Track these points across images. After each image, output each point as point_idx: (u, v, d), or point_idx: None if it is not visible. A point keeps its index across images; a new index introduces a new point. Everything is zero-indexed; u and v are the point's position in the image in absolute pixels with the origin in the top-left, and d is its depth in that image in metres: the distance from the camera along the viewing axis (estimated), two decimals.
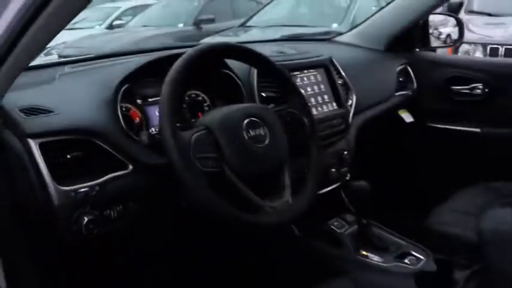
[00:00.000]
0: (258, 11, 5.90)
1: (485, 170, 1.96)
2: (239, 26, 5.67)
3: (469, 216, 1.62)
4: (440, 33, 2.48)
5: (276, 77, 1.28)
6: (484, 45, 4.27)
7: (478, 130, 1.97)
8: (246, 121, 1.11)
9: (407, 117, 2.00)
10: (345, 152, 1.58)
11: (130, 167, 1.14)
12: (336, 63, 1.64)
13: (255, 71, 1.37)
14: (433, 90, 2.04)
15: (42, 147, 1.04)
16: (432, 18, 2.07)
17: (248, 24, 5.68)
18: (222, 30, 5.61)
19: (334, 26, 5.03)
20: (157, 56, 1.28)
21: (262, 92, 1.38)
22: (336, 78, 1.61)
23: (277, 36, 2.61)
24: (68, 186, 1.05)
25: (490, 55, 4.08)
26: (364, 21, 2.10)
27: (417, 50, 2.08)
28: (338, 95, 1.59)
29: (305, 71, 1.53)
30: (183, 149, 1.01)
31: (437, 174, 2.07)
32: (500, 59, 2.84)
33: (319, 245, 1.51)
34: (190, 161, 1.02)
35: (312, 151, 1.24)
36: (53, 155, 1.05)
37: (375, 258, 1.42)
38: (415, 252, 1.46)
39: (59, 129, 1.07)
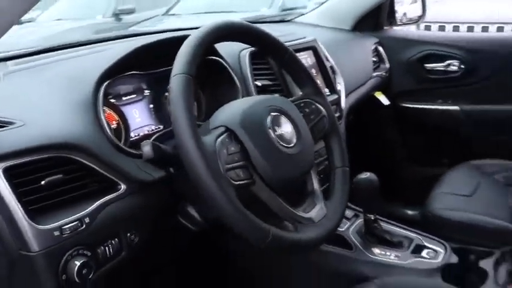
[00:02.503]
0: None
1: (469, 147, 1.92)
2: (163, 15, 5.36)
3: (467, 198, 1.56)
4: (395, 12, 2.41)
5: (286, 61, 1.08)
6: None
7: (457, 108, 1.91)
8: (270, 117, 0.91)
9: (384, 100, 1.90)
10: None
11: (123, 186, 0.91)
12: (321, 45, 1.49)
13: (246, 57, 1.18)
14: (406, 69, 1.95)
15: (6, 172, 0.78)
16: None
17: (172, 12, 5.38)
18: (144, 20, 5.27)
19: (263, 10, 4.89)
20: (145, 42, 1.04)
21: (257, 80, 1.19)
22: (325, 61, 1.45)
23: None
24: (48, 223, 0.79)
25: None
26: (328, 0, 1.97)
27: (385, 28, 1.99)
28: (329, 80, 1.44)
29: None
30: (211, 161, 0.79)
31: (420, 157, 1.99)
32: (476, 34, 2.83)
33: (325, 248, 1.35)
34: (221, 175, 0.81)
35: (334, 146, 1.07)
36: (23, 182, 0.79)
37: (391, 257, 1.29)
38: (429, 244, 1.35)
39: (27, 146, 0.81)
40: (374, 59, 1.88)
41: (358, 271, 1.26)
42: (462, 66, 1.87)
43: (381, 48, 1.92)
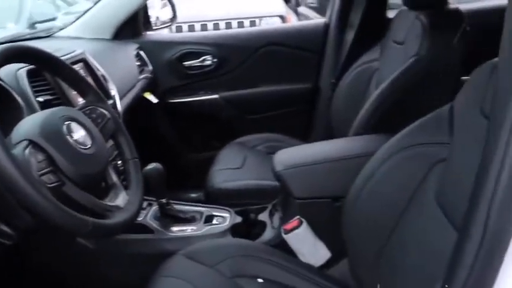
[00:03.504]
0: None
1: (232, 128, 2.23)
2: None
3: (239, 169, 1.85)
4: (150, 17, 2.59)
5: (68, 75, 1.18)
6: None
7: (217, 96, 2.21)
8: (65, 126, 1.01)
9: (153, 99, 2.08)
10: None
11: None
12: (89, 56, 1.58)
13: (24, 76, 1.23)
14: (168, 69, 2.16)
15: None
16: None
17: None
18: None
19: (11, 26, 4.59)
20: None
21: (38, 97, 1.25)
22: (96, 70, 1.56)
23: None
24: None
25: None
26: (86, 12, 2.05)
27: (143, 33, 2.16)
28: (103, 87, 1.55)
29: None
30: (24, 169, 0.86)
31: (195, 144, 2.24)
32: (222, 31, 3.16)
33: (129, 237, 1.48)
34: (36, 179, 0.88)
35: (122, 142, 1.22)
36: None
37: (188, 230, 1.50)
38: (217, 212, 1.59)
39: None
40: (138, 63, 2.04)
41: (163, 249, 1.43)
42: (215, 60, 2.17)
43: (142, 53, 2.08)
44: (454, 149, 1.05)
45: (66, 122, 1.03)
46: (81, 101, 1.42)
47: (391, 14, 2.02)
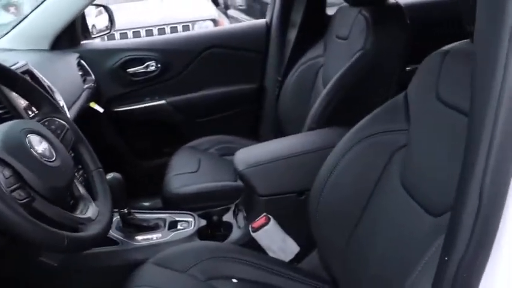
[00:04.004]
0: None
1: (182, 133, 2.21)
2: None
3: (195, 173, 1.84)
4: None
5: (21, 86, 1.12)
6: None
7: (164, 102, 2.18)
8: (27, 139, 0.96)
9: (99, 108, 2.02)
10: None
11: None
12: (33, 68, 1.52)
13: None
14: (111, 77, 2.11)
15: None
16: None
17: None
18: None
19: None
20: None
21: None
22: (42, 82, 1.49)
23: None
24: None
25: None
26: (19, 22, 1.95)
27: (82, 42, 2.09)
28: (51, 98, 1.48)
29: None
30: None
31: (146, 152, 2.19)
32: (166, 36, 3.09)
33: (94, 250, 1.43)
34: (7, 196, 0.84)
35: (84, 152, 1.18)
36: None
37: (154, 238, 1.47)
38: (180, 217, 1.57)
39: None
40: (80, 73, 1.97)
41: (131, 259, 1.40)
42: (159, 65, 2.14)
43: (83, 62, 2.02)
44: (412, 134, 1.10)
45: (29, 135, 0.98)
46: (30, 113, 1.36)
47: (330, 11, 2.09)
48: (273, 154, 1.46)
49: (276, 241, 1.38)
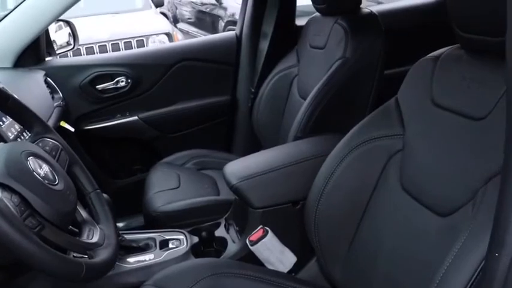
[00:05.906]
0: None
1: (156, 149, 2.16)
2: None
3: (177, 190, 1.80)
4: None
5: (11, 106, 1.05)
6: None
7: (135, 118, 2.12)
8: (28, 162, 0.90)
9: (69, 127, 1.94)
10: None
11: None
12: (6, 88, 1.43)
13: None
14: (79, 94, 2.03)
15: None
16: None
17: None
18: None
19: None
20: None
21: None
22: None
23: None
24: None
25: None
26: None
27: (47, 59, 2.01)
28: None
29: None
30: (10, 218, 0.75)
31: (120, 170, 2.12)
32: (135, 50, 2.99)
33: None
34: (22, 224, 0.77)
35: (80, 174, 1.12)
36: None
37: (147, 259, 1.41)
38: (170, 236, 1.52)
39: None
40: (49, 91, 1.89)
41: (126, 283, 1.34)
42: (129, 81, 2.07)
43: (50, 80, 1.93)
44: (409, 138, 1.13)
45: (29, 158, 0.92)
46: (10, 135, 1.29)
47: (299, 21, 2.11)
48: (264, 165, 1.45)
49: (274, 253, 1.36)
